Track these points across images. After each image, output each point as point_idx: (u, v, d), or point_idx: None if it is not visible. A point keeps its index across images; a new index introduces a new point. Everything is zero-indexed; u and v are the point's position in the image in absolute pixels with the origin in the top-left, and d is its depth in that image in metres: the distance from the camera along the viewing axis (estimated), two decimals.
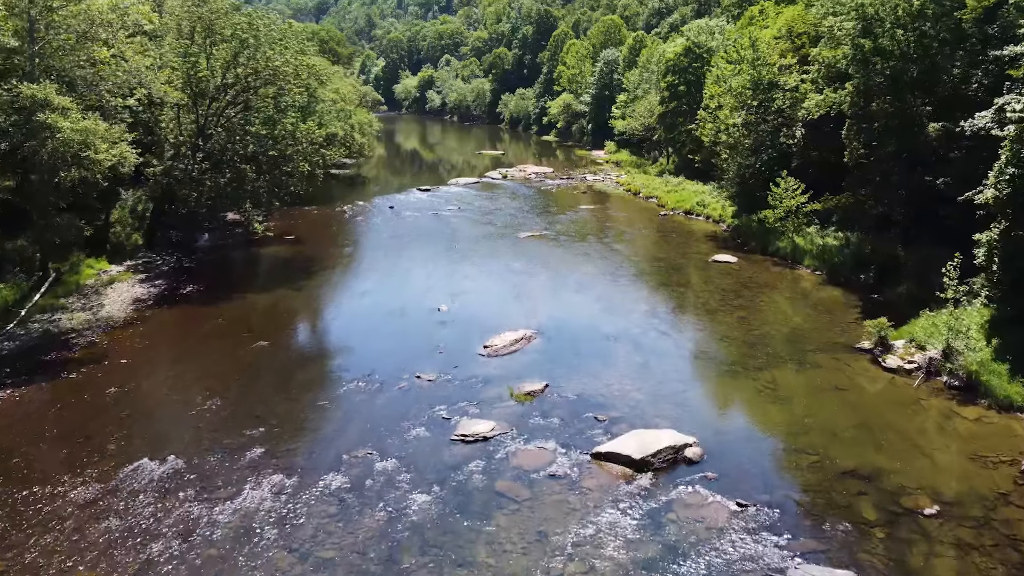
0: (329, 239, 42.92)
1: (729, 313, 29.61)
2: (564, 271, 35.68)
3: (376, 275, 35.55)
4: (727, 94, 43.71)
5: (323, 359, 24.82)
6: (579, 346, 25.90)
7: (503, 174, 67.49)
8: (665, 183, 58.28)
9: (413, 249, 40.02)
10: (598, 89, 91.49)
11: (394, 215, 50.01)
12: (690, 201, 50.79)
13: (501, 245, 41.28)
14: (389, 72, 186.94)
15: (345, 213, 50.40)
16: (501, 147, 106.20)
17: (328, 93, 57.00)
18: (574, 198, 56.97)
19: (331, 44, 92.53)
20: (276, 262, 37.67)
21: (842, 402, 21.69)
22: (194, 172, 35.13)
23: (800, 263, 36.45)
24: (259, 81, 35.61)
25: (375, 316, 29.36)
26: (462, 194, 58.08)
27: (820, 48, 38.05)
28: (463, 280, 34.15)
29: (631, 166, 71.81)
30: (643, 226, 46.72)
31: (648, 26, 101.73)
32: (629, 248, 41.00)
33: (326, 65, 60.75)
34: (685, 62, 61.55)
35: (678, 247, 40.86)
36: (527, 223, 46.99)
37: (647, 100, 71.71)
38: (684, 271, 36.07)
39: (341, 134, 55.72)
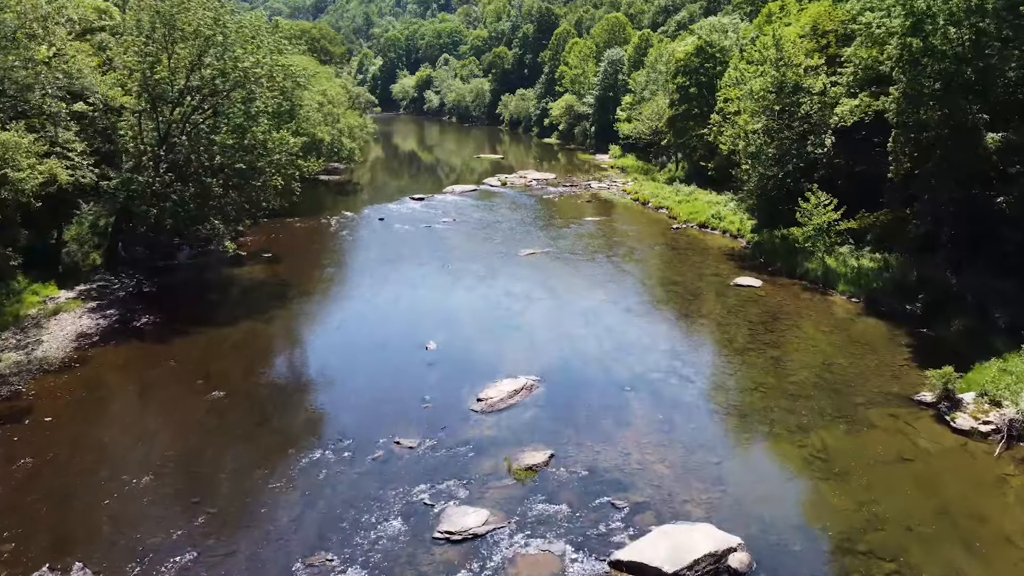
0: (310, 257, 39.03)
1: (760, 352, 25.72)
2: (569, 298, 31.79)
3: (358, 302, 31.69)
4: (748, 98, 39.77)
5: (287, 417, 20.94)
6: (588, 398, 22.02)
7: (502, 181, 63.61)
8: (676, 192, 54.40)
9: (402, 270, 36.16)
10: (602, 90, 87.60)
11: (384, 228, 46.13)
12: (704, 213, 46.91)
13: (499, 264, 37.40)
14: (387, 71, 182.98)
15: (331, 226, 46.52)
16: (500, 150, 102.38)
17: (314, 96, 53.13)
18: (578, 208, 53.09)
19: (323, 43, 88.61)
20: (248, 286, 33.79)
21: (911, 478, 17.82)
22: (155, 185, 31.25)
23: (833, 288, 32.60)
24: (228, 84, 31.70)
25: (353, 356, 25.48)
26: (458, 204, 54.19)
27: (855, 48, 34.12)
28: (455, 309, 30.29)
29: (638, 172, 67.93)
30: (654, 242, 42.83)
31: (654, 24, 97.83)
32: (641, 269, 37.11)
33: (312, 65, 56.95)
34: (696, 62, 57.65)
35: (695, 267, 36.98)
36: (528, 238, 43.12)
37: (655, 102, 67.82)
38: (704, 297, 32.18)
39: (328, 140, 51.87)
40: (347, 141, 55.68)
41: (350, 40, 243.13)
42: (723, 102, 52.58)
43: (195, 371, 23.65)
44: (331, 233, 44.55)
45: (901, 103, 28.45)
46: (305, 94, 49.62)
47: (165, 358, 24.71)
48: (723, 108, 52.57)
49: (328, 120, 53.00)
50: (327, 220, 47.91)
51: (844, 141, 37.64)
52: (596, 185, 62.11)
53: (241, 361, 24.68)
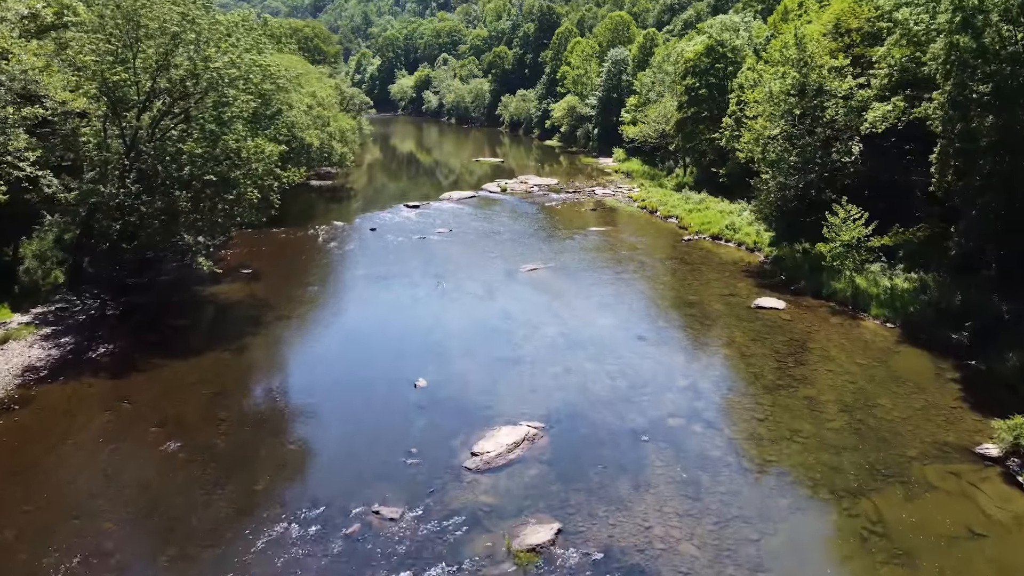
0: (293, 274, 36.05)
1: (791, 390, 22.77)
2: (575, 323, 28.83)
3: (342, 329, 28.73)
4: (767, 101, 36.80)
5: (248, 479, 17.95)
6: (600, 451, 19.07)
7: (502, 187, 60.64)
8: (685, 200, 51.44)
9: (392, 289, 33.23)
10: (605, 91, 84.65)
11: (375, 239, 43.17)
12: (717, 224, 43.95)
13: (498, 283, 34.46)
14: (385, 71, 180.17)
15: (318, 236, 43.56)
16: (500, 152, 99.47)
17: (303, 98, 50.21)
18: (582, 217, 50.13)
19: (316, 42, 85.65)
20: (222, 308, 30.83)
21: (990, 563, 14.88)
22: (120, 198, 28.27)
23: (864, 311, 29.66)
24: (200, 86, 28.72)
25: (331, 398, 22.49)
26: (455, 212, 51.24)
27: (888, 47, 31.21)
28: (449, 337, 27.31)
29: (643, 177, 64.99)
30: (665, 255, 39.86)
31: (659, 23, 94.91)
32: (652, 287, 34.14)
33: (300, 65, 54.03)
34: (706, 62, 54.73)
35: (711, 286, 34.01)
36: (529, 251, 40.17)
37: (661, 104, 64.92)
38: (723, 322, 29.20)
39: (317, 144, 48.92)
40: (338, 145, 52.75)
41: (348, 39, 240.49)
42: (736, 105, 49.75)
43: (150, 415, 20.70)
44: (318, 245, 41.58)
45: (946, 110, 25.49)
46: (292, 96, 46.78)
47: (119, 398, 21.76)
48: (736, 112, 49.75)
49: (317, 123, 50.04)
50: (315, 230, 44.95)
51: (871, 148, 34.74)
52: (600, 191, 59.15)
53: (203, 403, 21.69)
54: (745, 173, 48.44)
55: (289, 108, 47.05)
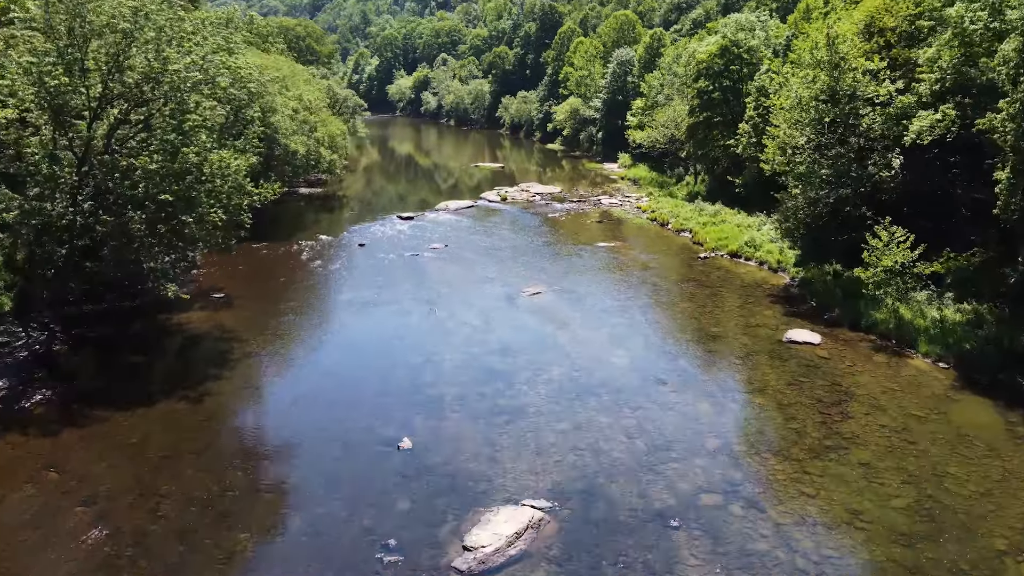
0: (270, 299, 32.53)
1: (843, 454, 19.27)
2: (583, 361, 25.34)
3: (319, 369, 25.20)
4: (796, 108, 33.29)
5: None
6: (619, 541, 15.59)
7: (502, 196, 57.15)
8: (698, 211, 47.94)
9: (377, 318, 29.78)
10: (610, 93, 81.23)
11: (364, 257, 39.69)
12: (736, 240, 40.43)
13: (496, 309, 30.98)
14: (383, 72, 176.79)
15: (302, 253, 40.06)
16: (500, 156, 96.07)
17: (288, 101, 46.77)
18: (588, 230, 46.62)
19: (308, 41, 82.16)
20: (185, 342, 27.35)
21: None
22: (68, 218, 24.78)
23: (911, 347, 26.19)
24: (161, 91, 25.20)
25: (298, 465, 18.99)
26: (452, 224, 47.76)
27: (938, 48, 27.72)
28: (440, 382, 23.79)
29: (651, 185, 61.50)
30: (680, 276, 36.33)
31: (666, 22, 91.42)
32: (669, 316, 30.63)
33: (287, 66, 50.59)
34: (720, 64, 51.28)
35: (735, 314, 30.53)
36: (530, 271, 36.69)
37: (671, 108, 61.43)
38: (753, 361, 25.68)
39: (302, 152, 45.44)
40: (326, 152, 49.23)
41: (347, 39, 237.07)
42: (754, 110, 46.30)
43: (78, 489, 17.24)
44: (301, 264, 38.07)
45: (1018, 121, 21.99)
46: (277, 100, 43.42)
47: (45, 464, 18.31)
48: (753, 117, 46.30)
49: (303, 129, 46.57)
50: (299, 245, 41.44)
51: (910, 160, 31.20)
52: (607, 201, 55.64)
53: (145, 471, 18.20)
54: (765, 184, 45.00)
55: (272, 113, 43.69)
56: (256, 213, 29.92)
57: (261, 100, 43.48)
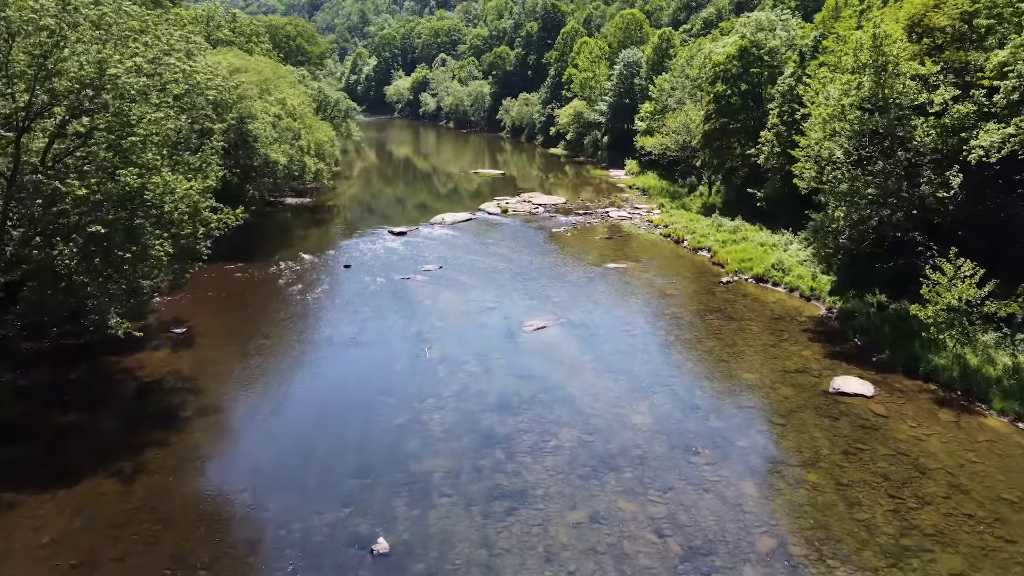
0: (236, 335, 28.57)
1: (928, 565, 15.37)
2: (599, 420, 21.43)
3: (283, 436, 21.14)
4: (838, 117, 29.37)
5: None
6: None
7: (503, 208, 53.21)
8: (716, 227, 44.03)
9: (358, 361, 25.89)
10: (616, 96, 77.34)
11: (349, 280, 35.78)
12: (761, 261, 36.52)
13: (495, 347, 27.06)
14: (381, 72, 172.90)
15: (281, 275, 36.15)
16: (501, 159, 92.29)
17: (270, 107, 42.89)
18: (596, 248, 42.70)
19: (298, 41, 78.15)
20: (131, 394, 23.44)
21: None
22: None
23: (982, 401, 22.38)
24: (101, 100, 21.26)
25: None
26: (448, 241, 43.84)
27: (1013, 51, 23.81)
28: (427, 448, 19.89)
29: (662, 195, 57.56)
30: (702, 305, 32.39)
31: (675, 22, 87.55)
32: (695, 359, 26.67)
33: (269, 68, 46.70)
34: (739, 67, 47.39)
35: (770, 354, 26.60)
36: (534, 298, 32.80)
37: (683, 113, 57.54)
38: (798, 420, 21.75)
39: (283, 162, 41.51)
40: (311, 161, 45.26)
41: (345, 39, 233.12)
42: (777, 117, 42.43)
43: None
44: (277, 289, 34.14)
45: None
46: (256, 106, 39.56)
47: None
48: (777, 125, 42.43)
49: (285, 137, 42.66)
50: (278, 267, 37.51)
51: (967, 176, 27.32)
52: (615, 214, 51.69)
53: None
54: (791, 198, 41.18)
55: (251, 120, 39.82)
56: (235, 228, 26.09)
57: (240, 105, 39.73)
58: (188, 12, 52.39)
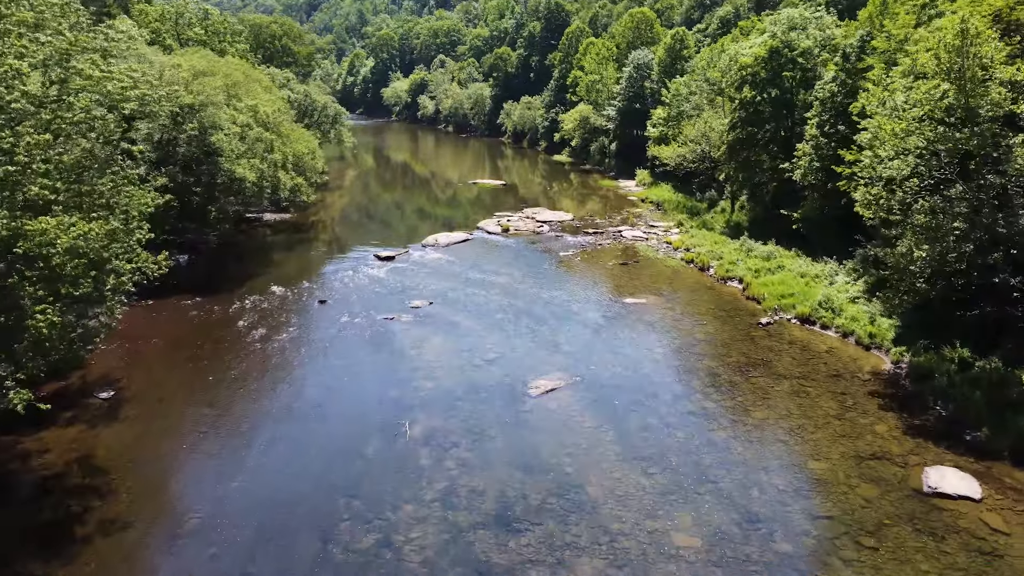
0: (174, 403, 23.27)
1: None
2: (630, 545, 16.14)
3: (203, 566, 15.86)
4: (913, 132, 24.06)
5: None
6: None
7: (503, 226, 47.91)
8: (745, 251, 38.74)
9: (320, 443, 20.57)
10: (625, 100, 72.05)
11: (322, 322, 30.52)
12: (805, 297, 31.22)
13: (493, 426, 21.72)
14: (378, 74, 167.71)
15: (244, 313, 30.88)
16: (502, 166, 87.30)
17: (240, 115, 37.65)
18: (611, 277, 37.40)
19: (284, 41, 72.93)
20: (23, 490, 18.17)
21: None
22: None
23: None
24: None
25: None
26: (441, 268, 38.56)
27: None
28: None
29: (679, 211, 52.32)
30: (743, 357, 27.03)
31: (688, 21, 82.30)
32: (744, 436, 21.31)
33: (239, 71, 41.47)
34: (768, 70, 42.11)
35: (837, 431, 21.28)
36: (541, 346, 27.54)
37: (701, 121, 52.30)
38: (893, 537, 16.42)
39: (253, 178, 36.21)
40: (286, 176, 39.88)
41: (342, 39, 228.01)
42: (816, 128, 37.16)
43: None
44: (236, 334, 28.83)
45: None
46: (221, 115, 34.34)
47: None
48: (816, 136, 37.17)
49: (256, 149, 37.37)
50: (242, 302, 32.23)
51: None
52: (629, 233, 46.35)
53: None
54: (833, 220, 36.08)
55: (214, 131, 34.61)
56: (198, 250, 20.92)
57: (202, 114, 34.52)
58: (154, 8, 47.34)
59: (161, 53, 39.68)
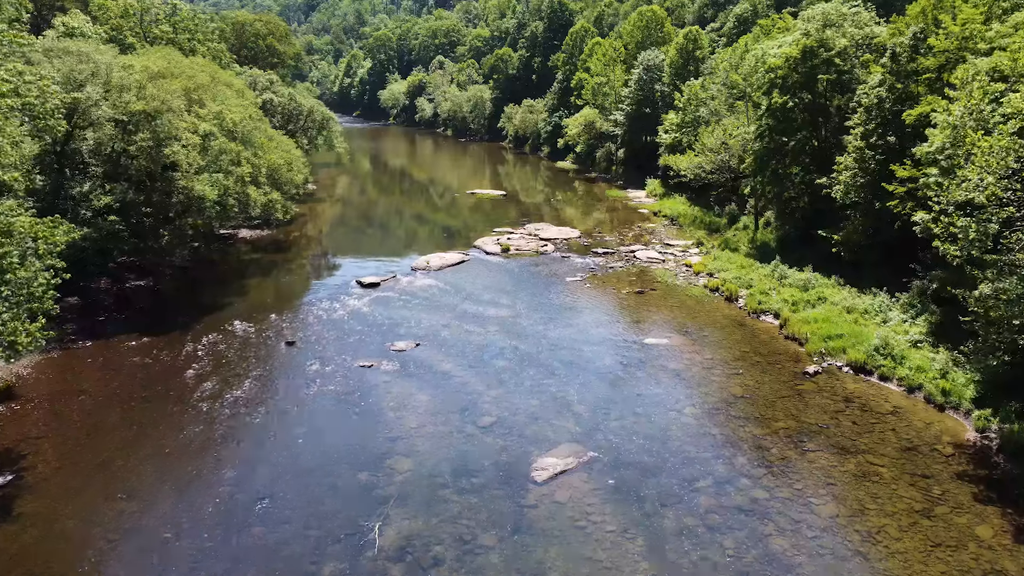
0: (82, 493, 18.50)
1: None
2: None
3: None
4: (1014, 149, 19.40)
5: None
6: None
7: (503, 245, 43.16)
8: (778, 279, 34.11)
9: (257, 559, 15.79)
10: (634, 104, 67.34)
11: (288, 369, 25.82)
12: (856, 339, 26.53)
13: (485, 530, 17.00)
14: (376, 75, 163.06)
15: (195, 359, 26.16)
16: (503, 172, 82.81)
17: (200, 123, 32.99)
18: (627, 310, 32.70)
19: (269, 40, 68.21)
20: None
21: None
22: None
23: None
24: None
25: None
26: (430, 298, 33.86)
27: None
28: None
29: (696, 227, 47.74)
30: (792, 418, 22.31)
31: (701, 19, 77.61)
32: (799, 535, 16.56)
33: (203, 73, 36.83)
34: (801, 72, 37.38)
35: (926, 534, 16.58)
36: (546, 408, 22.82)
37: (720, 128, 47.60)
38: None
39: (214, 195, 31.48)
40: (256, 192, 35.04)
41: (340, 40, 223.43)
42: (861, 139, 32.47)
43: None
44: (181, 388, 24.07)
45: None
46: (179, 123, 29.73)
47: None
48: (861, 148, 32.52)
49: (219, 163, 32.64)
50: (195, 344, 27.51)
51: None
52: (644, 254, 41.61)
53: None
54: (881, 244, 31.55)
55: (170, 142, 29.97)
56: (158, 275, 16.29)
57: (157, 122, 29.89)
58: (116, 4, 42.75)
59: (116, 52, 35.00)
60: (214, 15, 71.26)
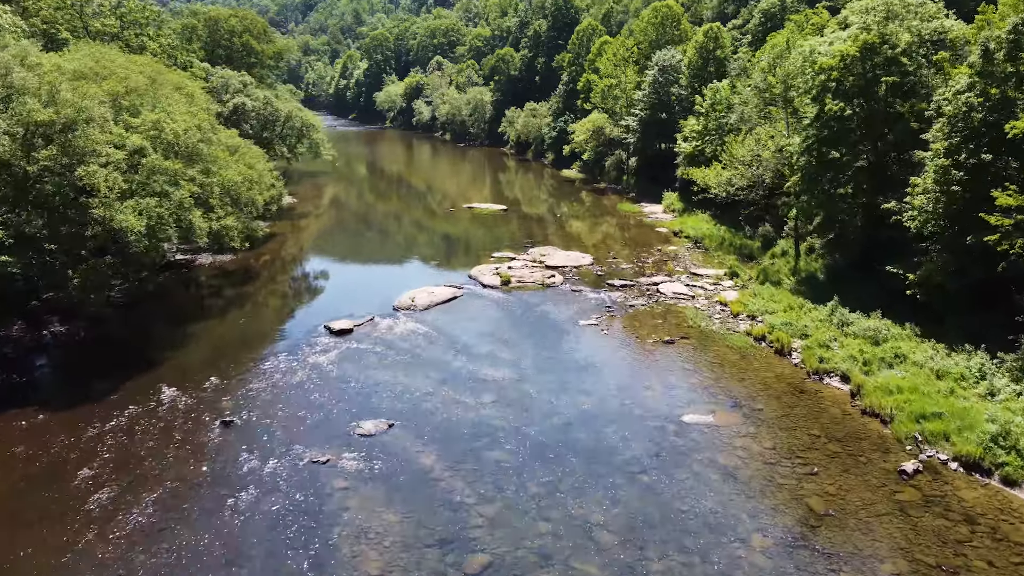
0: None
1: None
2: None
3: None
4: None
5: None
6: None
7: (503, 276, 36.81)
8: (839, 328, 27.87)
9: None
10: (648, 109, 61.03)
11: (214, 463, 19.59)
12: (960, 419, 20.37)
13: None
14: (372, 76, 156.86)
15: (96, 450, 19.97)
16: (504, 181, 76.64)
17: (129, 137, 26.82)
18: (655, 368, 26.43)
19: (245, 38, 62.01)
20: None
21: None
22: None
23: None
24: None
25: None
26: (411, 351, 27.59)
27: None
28: None
29: (725, 250, 41.66)
30: (895, 545, 16.08)
31: (721, 16, 71.29)
32: None
33: (139, 74, 30.72)
34: (855, 76, 31.15)
35: None
36: (558, 534, 16.58)
37: (752, 138, 41.40)
38: None
39: (139, 227, 25.15)
40: (200, 219, 28.32)
41: (337, 40, 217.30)
42: (945, 157, 26.24)
43: None
44: (66, 501, 17.84)
45: None
46: (99, 136, 23.52)
47: None
48: (944, 167, 26.40)
49: (151, 185, 26.37)
50: (102, 423, 21.30)
51: None
52: (668, 288, 35.27)
53: None
54: (969, 286, 25.49)
55: (84, 161, 23.80)
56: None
57: (68, 136, 23.75)
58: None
59: (38, 49, 28.87)
60: (184, 8, 65.11)
